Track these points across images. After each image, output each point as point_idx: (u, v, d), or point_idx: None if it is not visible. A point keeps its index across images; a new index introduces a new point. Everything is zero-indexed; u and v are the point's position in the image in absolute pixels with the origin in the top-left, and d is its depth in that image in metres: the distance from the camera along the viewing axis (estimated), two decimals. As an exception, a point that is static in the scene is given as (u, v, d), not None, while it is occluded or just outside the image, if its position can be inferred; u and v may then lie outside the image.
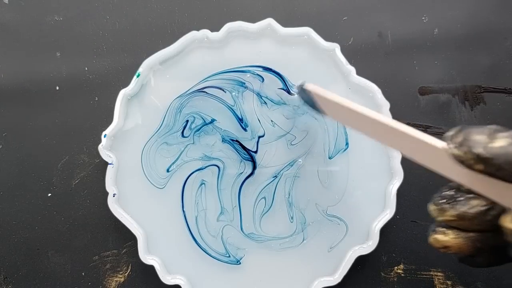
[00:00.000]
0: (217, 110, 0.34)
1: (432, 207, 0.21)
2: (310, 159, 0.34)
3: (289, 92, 0.34)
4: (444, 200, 0.21)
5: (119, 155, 0.33)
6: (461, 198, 0.20)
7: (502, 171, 0.17)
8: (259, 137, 0.34)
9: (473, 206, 0.20)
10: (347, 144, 0.34)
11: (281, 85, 0.34)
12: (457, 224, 0.20)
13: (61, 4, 0.37)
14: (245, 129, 0.34)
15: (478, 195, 0.20)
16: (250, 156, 0.34)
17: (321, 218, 0.33)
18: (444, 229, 0.21)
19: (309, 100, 0.30)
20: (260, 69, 0.34)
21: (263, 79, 0.34)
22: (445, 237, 0.21)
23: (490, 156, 0.18)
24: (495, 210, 0.19)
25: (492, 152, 0.18)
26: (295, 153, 0.34)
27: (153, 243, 0.33)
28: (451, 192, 0.21)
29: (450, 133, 0.19)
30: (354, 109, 0.24)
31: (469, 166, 0.18)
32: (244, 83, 0.34)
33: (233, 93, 0.34)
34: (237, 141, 0.34)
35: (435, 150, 0.20)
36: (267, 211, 0.33)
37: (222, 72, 0.34)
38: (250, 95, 0.34)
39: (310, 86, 0.29)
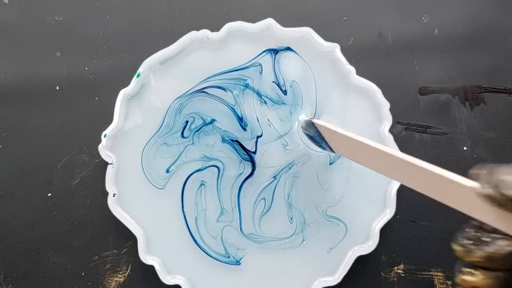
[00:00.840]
0: (217, 110, 0.34)
1: (457, 248, 0.21)
2: (310, 160, 0.34)
3: (280, 87, 0.34)
4: (470, 241, 0.20)
5: (119, 155, 0.33)
6: (488, 239, 0.20)
7: None
8: (258, 137, 0.34)
9: (502, 247, 0.19)
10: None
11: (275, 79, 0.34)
12: (485, 265, 0.20)
13: (61, 4, 0.37)
14: (244, 129, 0.34)
15: (504, 235, 0.19)
16: (249, 156, 0.34)
17: (321, 219, 0.33)
18: (471, 269, 0.20)
19: (315, 136, 0.28)
20: (264, 53, 0.34)
21: (262, 69, 0.34)
22: (473, 278, 0.20)
23: None
24: None
25: None
26: (295, 154, 0.34)
27: (153, 243, 0.33)
28: (476, 233, 0.20)
29: (479, 171, 0.19)
30: (366, 143, 0.23)
31: (502, 206, 0.18)
32: (246, 80, 0.34)
33: (235, 92, 0.34)
34: (236, 141, 0.34)
35: (460, 188, 0.19)
36: (267, 212, 0.33)
37: (223, 73, 0.34)
38: (251, 94, 0.34)
39: (319, 122, 0.27)
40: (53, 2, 0.37)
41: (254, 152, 0.34)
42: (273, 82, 0.34)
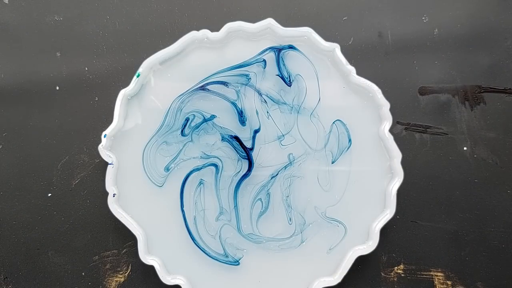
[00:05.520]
0: (217, 108, 0.34)
1: None
2: (309, 160, 0.34)
3: (284, 79, 0.34)
4: None
5: (119, 155, 0.33)
6: None
7: None
8: (255, 131, 0.34)
9: None
10: (350, 141, 0.34)
11: (280, 74, 0.34)
12: None
13: (61, 4, 0.37)
14: (243, 123, 0.34)
15: None
16: (246, 153, 0.34)
17: (320, 220, 0.33)
18: None
19: None
20: (268, 50, 0.34)
21: (265, 64, 0.34)
22: None
23: None
24: None
25: None
26: (294, 153, 0.34)
27: (153, 243, 0.33)
28: None
29: None
30: None
31: None
32: (248, 75, 0.34)
33: (237, 88, 0.34)
34: (235, 137, 0.34)
35: None
36: (264, 213, 0.33)
37: (226, 70, 0.34)
38: (252, 91, 0.34)
39: None
40: (53, 2, 0.37)
41: (251, 149, 0.34)
42: (277, 75, 0.34)
